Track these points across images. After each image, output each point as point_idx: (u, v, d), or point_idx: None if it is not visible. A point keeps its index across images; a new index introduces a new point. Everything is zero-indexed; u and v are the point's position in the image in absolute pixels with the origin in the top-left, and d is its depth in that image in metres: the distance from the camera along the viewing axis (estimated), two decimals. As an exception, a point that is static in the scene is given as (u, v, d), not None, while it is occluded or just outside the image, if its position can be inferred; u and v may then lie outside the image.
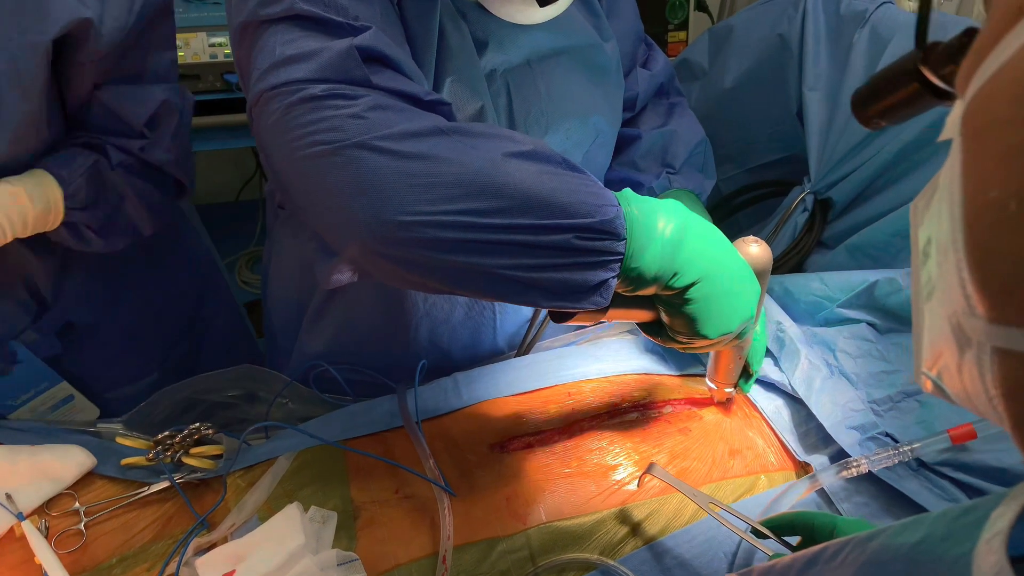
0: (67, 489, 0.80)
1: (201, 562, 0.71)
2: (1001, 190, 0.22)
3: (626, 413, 0.84)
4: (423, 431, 0.82)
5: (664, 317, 0.69)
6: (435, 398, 0.88)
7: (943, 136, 0.29)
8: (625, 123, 1.05)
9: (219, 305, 1.30)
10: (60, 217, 0.88)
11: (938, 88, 0.35)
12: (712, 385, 0.83)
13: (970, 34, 0.35)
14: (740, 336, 0.71)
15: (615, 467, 0.80)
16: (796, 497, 0.76)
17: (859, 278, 0.91)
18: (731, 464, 0.81)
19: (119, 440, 0.82)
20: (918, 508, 0.74)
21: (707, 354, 0.86)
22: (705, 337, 0.68)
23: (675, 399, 0.87)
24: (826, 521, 0.64)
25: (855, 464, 0.77)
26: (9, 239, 0.82)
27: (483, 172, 0.61)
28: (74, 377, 1.04)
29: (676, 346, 0.72)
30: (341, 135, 0.62)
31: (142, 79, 0.93)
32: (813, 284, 0.95)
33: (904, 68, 0.37)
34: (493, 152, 0.63)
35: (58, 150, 0.91)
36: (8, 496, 0.76)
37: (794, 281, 0.98)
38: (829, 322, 0.93)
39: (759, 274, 0.71)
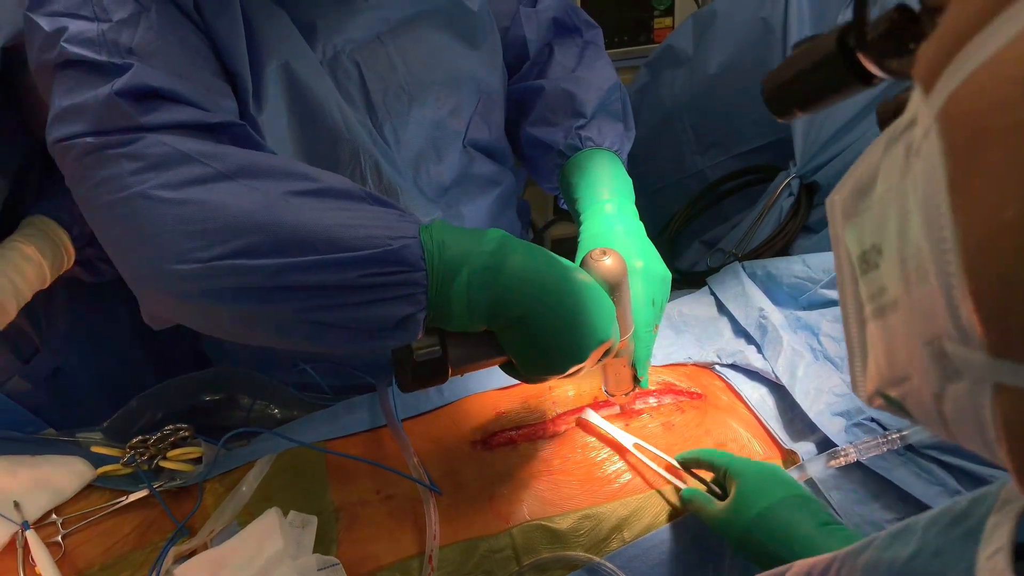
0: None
1: (180, 570, 0.70)
2: (1021, 208, 0.19)
3: (609, 406, 0.83)
4: (404, 430, 0.81)
5: (511, 358, 0.66)
6: (415, 395, 0.86)
7: (893, 134, 0.25)
8: (531, 74, 0.98)
9: None
10: (72, 259, 0.85)
11: (870, 75, 0.32)
12: (608, 394, 0.80)
13: (904, 13, 0.32)
14: (607, 353, 0.68)
15: (599, 463, 0.79)
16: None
17: (841, 258, 0.90)
18: (717, 456, 0.80)
19: (94, 449, 0.81)
20: (907, 495, 0.73)
21: None
22: (556, 373, 0.65)
23: (657, 390, 0.86)
24: (723, 459, 0.72)
25: (844, 454, 0.75)
26: (28, 299, 0.80)
27: (256, 214, 0.60)
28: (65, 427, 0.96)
29: (538, 382, 0.69)
30: (119, 185, 0.61)
31: None
32: (795, 266, 0.94)
33: (828, 54, 0.34)
34: (273, 192, 0.61)
35: (42, 185, 0.85)
36: (16, 504, 0.76)
37: (776, 264, 0.96)
38: (812, 304, 0.92)
39: (616, 285, 0.67)
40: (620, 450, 0.79)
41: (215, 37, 0.71)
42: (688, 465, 0.76)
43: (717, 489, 0.73)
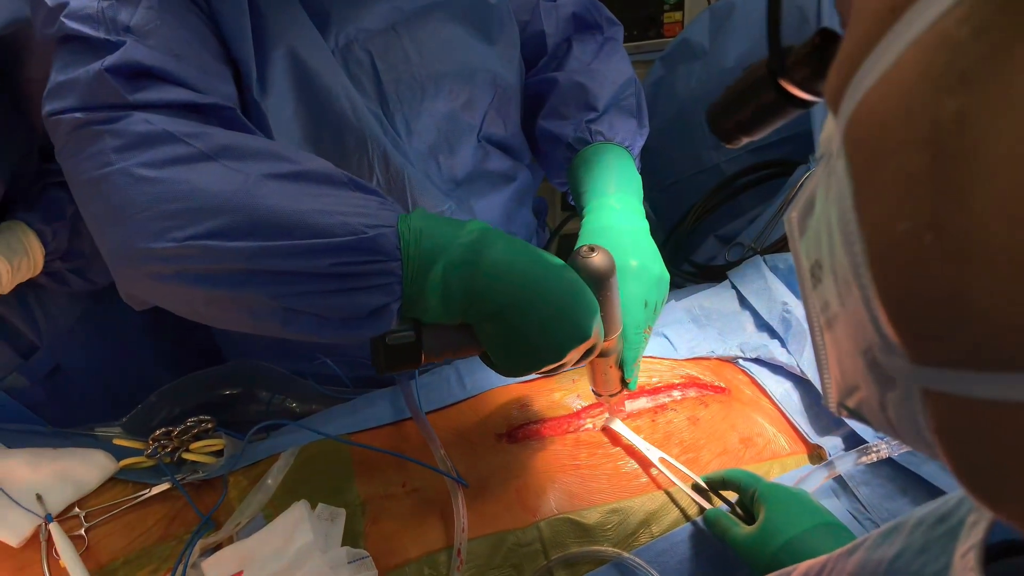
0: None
1: (208, 563, 0.70)
2: (911, 222, 0.19)
3: (634, 399, 0.83)
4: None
5: (488, 351, 0.64)
6: (438, 389, 0.86)
7: (819, 155, 0.26)
8: (547, 69, 0.97)
9: None
10: (39, 270, 0.84)
11: (798, 98, 0.33)
12: (596, 394, 0.78)
13: (826, 37, 0.32)
14: (591, 352, 0.66)
15: (625, 458, 0.78)
16: (814, 486, 0.74)
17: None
18: (743, 453, 0.79)
19: (116, 441, 0.80)
20: (937, 490, 0.73)
21: None
22: (531, 370, 0.63)
23: (681, 383, 0.86)
24: (751, 481, 0.71)
25: (875, 449, 0.75)
26: None
27: (233, 195, 0.59)
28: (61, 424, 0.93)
29: (514, 376, 0.68)
30: (102, 161, 0.61)
31: None
32: (820, 261, 0.94)
33: (759, 79, 0.34)
34: (253, 174, 0.60)
35: (31, 190, 0.85)
36: (39, 497, 0.75)
37: (799, 259, 0.96)
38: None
39: (602, 283, 0.64)
40: (645, 463, 0.78)
41: (219, 20, 0.71)
42: (714, 485, 0.74)
43: (741, 512, 0.72)
